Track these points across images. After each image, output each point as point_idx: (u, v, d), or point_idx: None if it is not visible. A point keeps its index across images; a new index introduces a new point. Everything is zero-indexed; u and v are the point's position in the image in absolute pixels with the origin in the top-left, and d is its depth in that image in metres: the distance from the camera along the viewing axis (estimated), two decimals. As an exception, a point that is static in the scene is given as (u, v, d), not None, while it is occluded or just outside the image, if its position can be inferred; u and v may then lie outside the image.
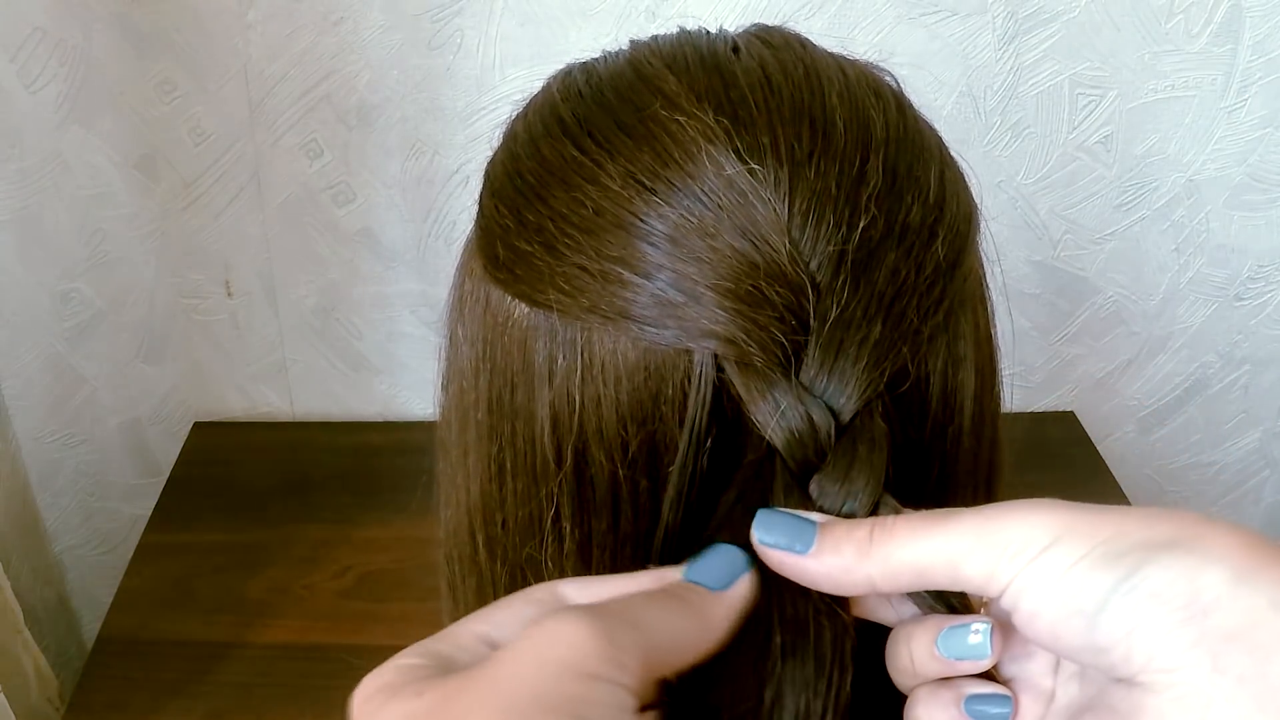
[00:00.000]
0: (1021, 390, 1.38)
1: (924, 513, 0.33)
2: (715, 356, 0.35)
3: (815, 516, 0.34)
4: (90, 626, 1.46)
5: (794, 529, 0.33)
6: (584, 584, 0.34)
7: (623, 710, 0.29)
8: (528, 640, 0.30)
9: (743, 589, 0.34)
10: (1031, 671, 0.34)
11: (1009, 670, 0.34)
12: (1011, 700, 0.33)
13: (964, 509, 0.32)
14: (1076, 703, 0.33)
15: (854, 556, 0.32)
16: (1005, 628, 0.33)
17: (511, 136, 0.42)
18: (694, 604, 0.33)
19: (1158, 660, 0.29)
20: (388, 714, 0.31)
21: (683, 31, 0.42)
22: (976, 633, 0.33)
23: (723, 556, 0.34)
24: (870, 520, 0.33)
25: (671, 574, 0.34)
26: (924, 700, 0.34)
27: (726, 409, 0.36)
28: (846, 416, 0.35)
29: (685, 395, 0.36)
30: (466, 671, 0.30)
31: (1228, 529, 0.30)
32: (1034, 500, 0.31)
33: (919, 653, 0.34)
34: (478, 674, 0.30)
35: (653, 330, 0.35)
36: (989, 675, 0.34)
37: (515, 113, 0.43)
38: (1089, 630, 0.30)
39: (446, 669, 0.31)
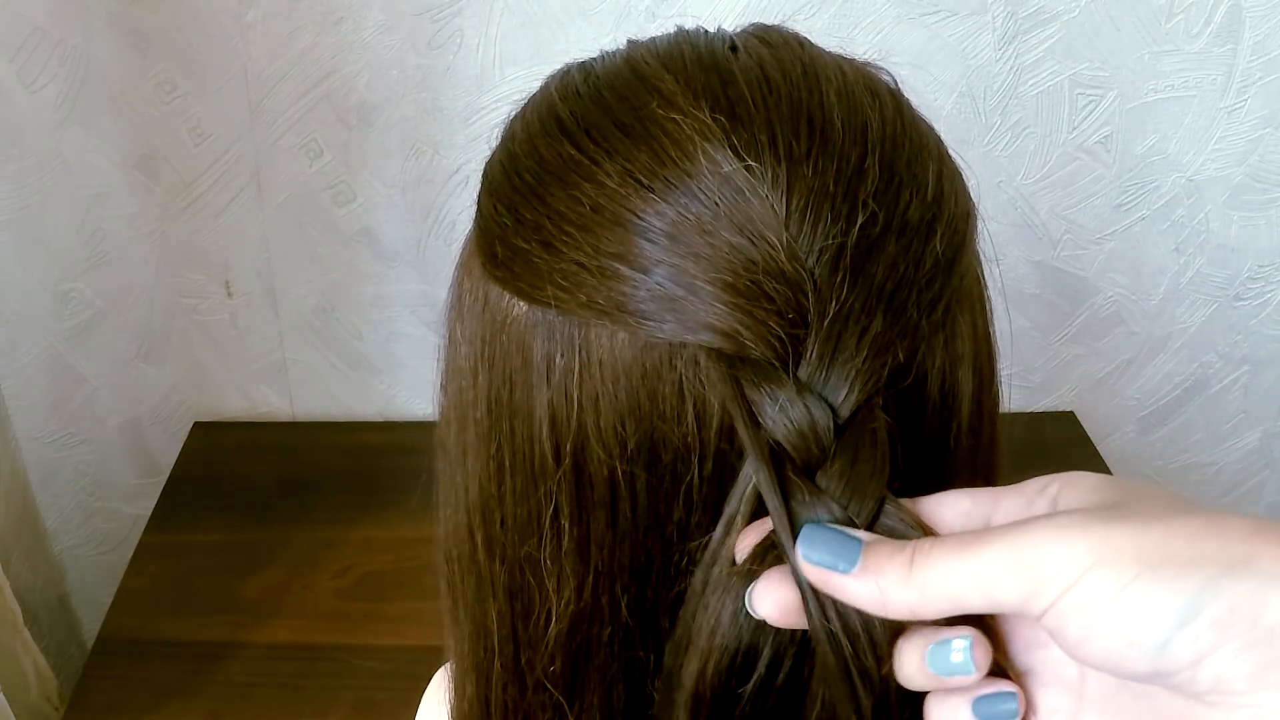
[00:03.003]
0: (1021, 390, 1.38)
1: (959, 536, 0.32)
2: (714, 351, 0.35)
3: (862, 535, 0.33)
4: (90, 626, 1.46)
5: (839, 546, 0.33)
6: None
7: None
8: None
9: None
10: (1052, 659, 0.33)
11: (1025, 661, 0.34)
12: (1017, 696, 0.33)
13: (995, 530, 0.31)
14: (1116, 701, 0.32)
15: (895, 581, 0.32)
16: (997, 633, 0.33)
17: (510, 136, 0.42)
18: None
19: (1226, 683, 0.28)
20: None
21: (681, 31, 0.42)
22: (957, 650, 0.32)
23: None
24: (913, 544, 0.32)
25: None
26: (935, 707, 0.34)
27: (725, 405, 0.36)
28: (846, 412, 0.35)
29: (683, 392, 0.36)
30: None
31: (1276, 538, 0.29)
32: (1064, 516, 0.30)
33: (908, 669, 0.33)
34: None
35: (651, 324, 0.36)
36: (999, 668, 0.33)
37: (513, 112, 0.43)
38: (1151, 660, 0.29)
39: None
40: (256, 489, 1.26)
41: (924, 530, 0.34)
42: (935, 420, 0.39)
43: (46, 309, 1.28)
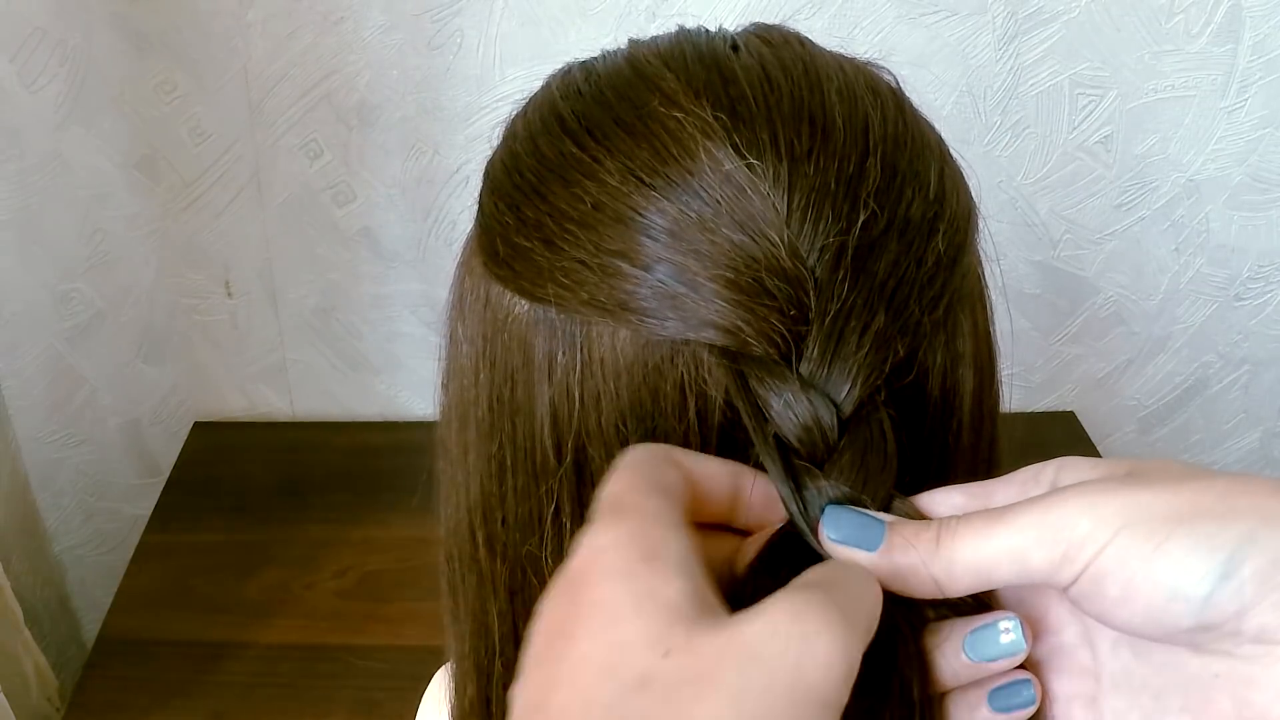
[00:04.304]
0: (1021, 390, 1.38)
1: (983, 512, 0.32)
2: (716, 348, 0.35)
3: (884, 516, 0.33)
4: (90, 626, 1.46)
5: (862, 527, 0.33)
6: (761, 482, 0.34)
7: None
8: (786, 645, 0.28)
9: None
10: (1063, 647, 0.34)
11: (1035, 653, 0.34)
12: (1033, 682, 0.33)
13: (1021, 503, 0.31)
14: (1138, 676, 0.32)
15: (924, 552, 0.32)
16: (1029, 618, 0.33)
17: (511, 135, 0.42)
18: (875, 584, 0.32)
19: (1271, 632, 0.29)
20: (630, 637, 0.29)
21: (682, 30, 0.42)
22: (1007, 631, 0.32)
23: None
24: (936, 521, 0.32)
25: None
26: (955, 704, 0.34)
27: (726, 403, 0.36)
28: (849, 407, 0.35)
29: (685, 390, 0.36)
30: (723, 647, 0.29)
31: None
32: (1087, 485, 0.31)
33: (945, 663, 0.33)
34: (734, 667, 0.28)
35: (653, 322, 0.36)
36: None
37: (515, 111, 0.43)
38: (1196, 613, 0.29)
39: (688, 519, 0.31)
40: (256, 489, 1.26)
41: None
42: (936, 418, 0.39)
43: (46, 309, 1.28)
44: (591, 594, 0.30)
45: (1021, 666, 0.33)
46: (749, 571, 0.34)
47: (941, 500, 0.35)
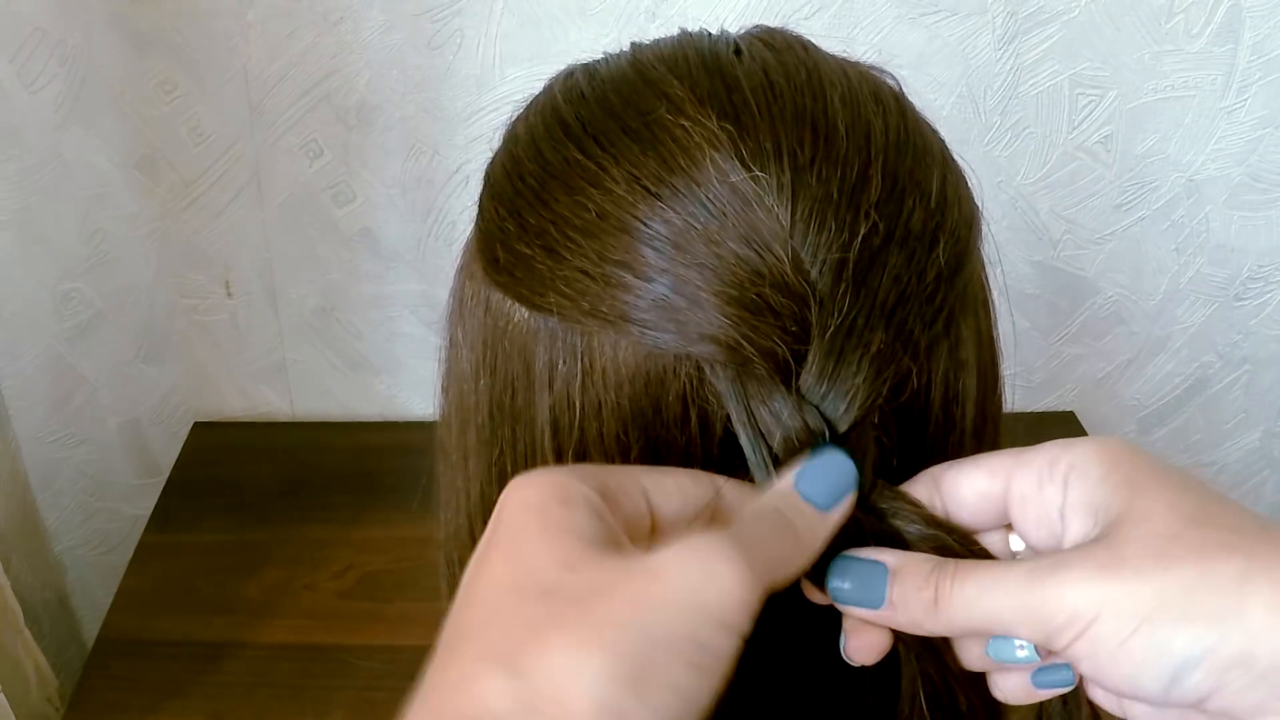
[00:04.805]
0: (1021, 391, 1.38)
1: (976, 574, 0.34)
2: (716, 363, 0.35)
3: (887, 559, 0.35)
4: (90, 626, 1.46)
5: (867, 579, 0.35)
6: (735, 487, 0.36)
7: (725, 661, 0.30)
8: (690, 571, 0.30)
9: (843, 510, 0.35)
10: None
11: None
12: (1072, 668, 0.35)
13: (1012, 571, 0.33)
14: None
15: (921, 615, 0.34)
16: None
17: (512, 138, 0.42)
18: (801, 529, 0.34)
19: (1235, 714, 0.31)
20: (540, 558, 0.31)
21: (684, 34, 0.42)
22: (1021, 647, 0.34)
23: (834, 471, 0.34)
24: (935, 579, 0.34)
25: (786, 479, 0.35)
26: (998, 678, 0.36)
27: (727, 416, 0.36)
28: (844, 426, 0.35)
29: (686, 402, 0.36)
30: (626, 567, 0.31)
31: (1266, 583, 0.30)
32: (1070, 568, 0.32)
33: (974, 655, 0.36)
34: (636, 583, 0.30)
35: (654, 334, 0.35)
36: None
37: (516, 114, 0.43)
38: (1161, 697, 0.31)
39: (609, 508, 0.33)
40: (256, 489, 1.26)
41: (918, 510, 0.36)
42: (939, 425, 0.39)
43: (46, 309, 1.28)
44: (507, 528, 0.32)
45: None
46: None
47: (967, 483, 0.36)
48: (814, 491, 0.34)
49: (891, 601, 0.34)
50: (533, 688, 0.28)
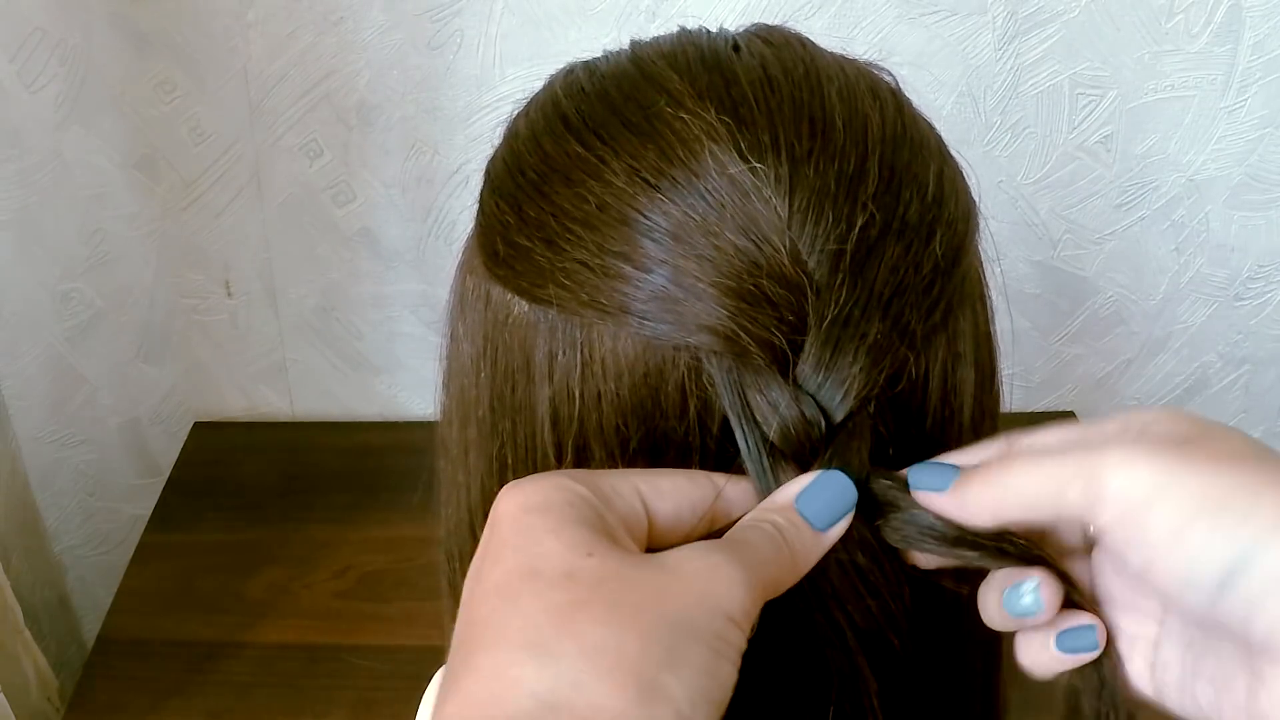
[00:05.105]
0: (1021, 390, 1.38)
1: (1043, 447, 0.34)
2: (714, 353, 0.35)
3: (958, 462, 0.36)
4: (90, 626, 1.46)
5: (940, 474, 0.36)
6: (736, 485, 0.36)
7: (739, 654, 0.31)
8: (699, 569, 0.32)
9: (839, 531, 0.35)
10: (1134, 585, 0.34)
11: (1107, 588, 0.35)
12: (1097, 628, 0.34)
13: (1076, 439, 0.33)
14: (1187, 635, 0.33)
15: (979, 484, 0.34)
16: (1071, 574, 0.35)
17: (513, 134, 0.42)
18: (796, 546, 0.34)
19: (1276, 637, 0.29)
20: (551, 549, 0.31)
21: (683, 31, 0.42)
22: (1026, 595, 0.34)
23: (834, 491, 0.35)
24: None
25: (785, 494, 0.35)
26: (1023, 642, 0.36)
27: (724, 405, 0.36)
28: (840, 415, 0.35)
29: (685, 392, 0.36)
30: (638, 560, 0.32)
31: None
32: (1137, 444, 0.32)
33: (990, 615, 0.35)
34: (652, 574, 0.31)
35: (652, 325, 0.36)
36: (1076, 602, 0.35)
37: (516, 110, 0.43)
38: (1210, 600, 0.30)
39: (604, 509, 0.33)
40: (256, 489, 1.26)
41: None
42: (937, 418, 0.39)
43: (46, 309, 1.28)
44: (510, 527, 0.33)
45: (1086, 609, 0.35)
46: None
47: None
48: (813, 511, 0.35)
49: (957, 482, 0.35)
50: (570, 670, 0.29)
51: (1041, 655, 0.35)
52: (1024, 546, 0.34)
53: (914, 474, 0.36)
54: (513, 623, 0.30)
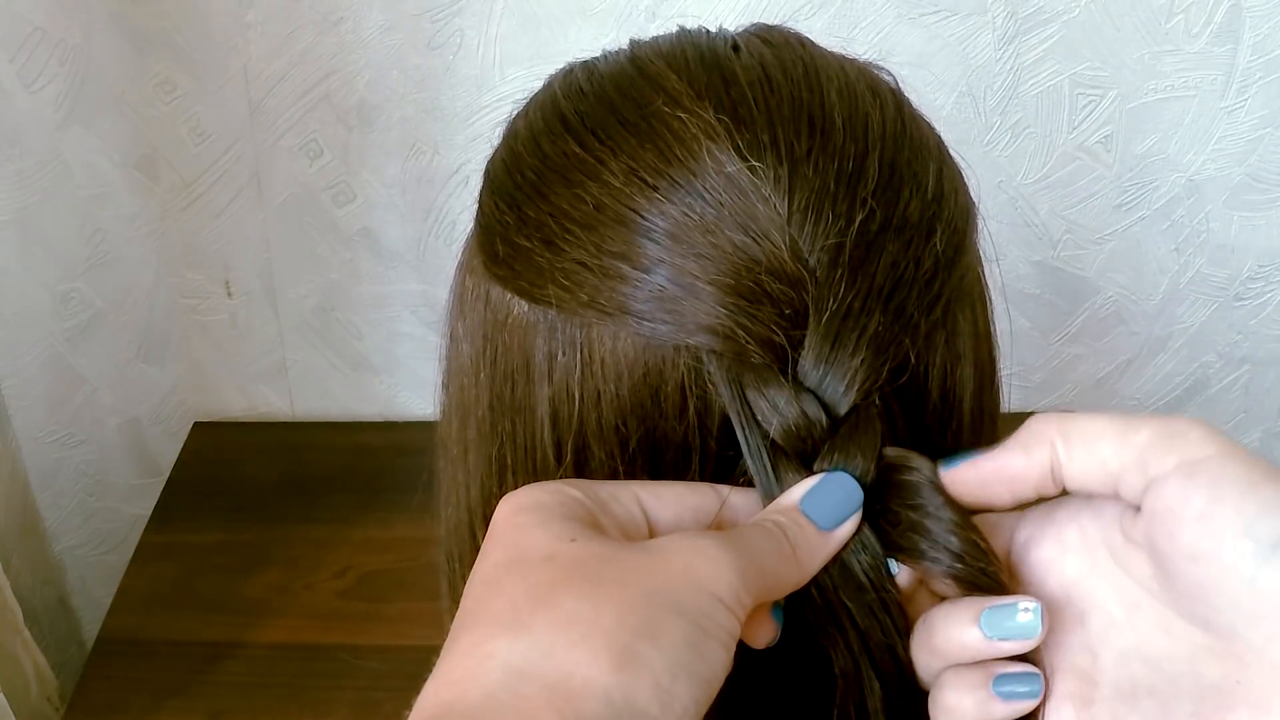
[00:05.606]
0: (1021, 390, 1.38)
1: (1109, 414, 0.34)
2: (713, 352, 0.35)
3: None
4: (90, 626, 1.45)
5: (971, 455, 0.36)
6: (741, 494, 0.37)
7: (731, 637, 0.31)
8: (683, 549, 0.32)
9: (846, 532, 0.35)
10: (1071, 645, 0.34)
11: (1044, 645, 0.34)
12: (1041, 678, 0.33)
13: (1144, 423, 0.33)
14: (1146, 684, 0.33)
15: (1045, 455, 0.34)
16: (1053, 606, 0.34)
17: (512, 134, 0.42)
18: (800, 545, 0.34)
19: None
20: (537, 539, 0.32)
21: (683, 31, 0.42)
22: (1026, 610, 0.33)
23: (839, 493, 0.35)
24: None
25: (790, 497, 0.35)
26: (950, 684, 0.34)
27: (724, 404, 0.36)
28: (843, 409, 0.35)
29: (685, 391, 0.36)
30: (623, 544, 0.32)
31: None
32: (1198, 458, 0.33)
33: (955, 633, 0.34)
34: (634, 554, 0.32)
35: (651, 325, 0.36)
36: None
37: (515, 111, 0.43)
38: (1249, 582, 0.30)
39: (599, 512, 0.34)
40: (256, 489, 1.26)
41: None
42: (936, 418, 0.39)
43: (46, 309, 1.28)
44: (504, 528, 0.33)
45: (1023, 659, 0.33)
46: None
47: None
48: (818, 511, 0.34)
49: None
50: (542, 639, 0.29)
51: (967, 699, 0.33)
52: (996, 574, 0.34)
53: (947, 460, 0.36)
54: (494, 604, 0.31)
